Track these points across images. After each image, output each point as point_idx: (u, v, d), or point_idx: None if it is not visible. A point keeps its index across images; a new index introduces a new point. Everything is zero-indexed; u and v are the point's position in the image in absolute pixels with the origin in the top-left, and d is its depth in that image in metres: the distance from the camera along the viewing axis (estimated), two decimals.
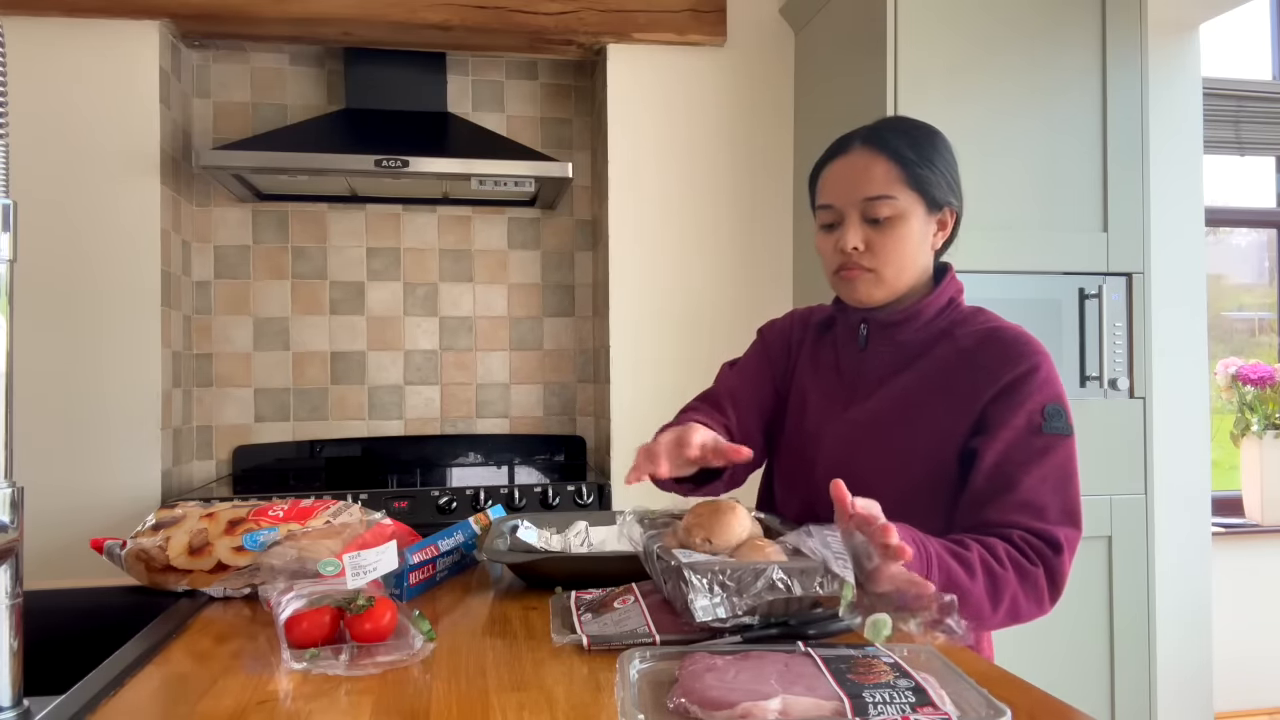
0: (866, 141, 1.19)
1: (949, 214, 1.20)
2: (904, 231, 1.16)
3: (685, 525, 1.00)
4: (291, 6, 2.46)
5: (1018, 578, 1.03)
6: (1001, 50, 2.19)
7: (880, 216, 1.16)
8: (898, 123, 1.24)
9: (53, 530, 2.26)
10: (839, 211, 1.19)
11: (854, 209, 1.17)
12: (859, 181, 1.17)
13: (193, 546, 1.14)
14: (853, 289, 1.20)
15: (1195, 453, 2.76)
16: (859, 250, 1.17)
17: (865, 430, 1.19)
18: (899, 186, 1.16)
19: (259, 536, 1.12)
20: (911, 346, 1.21)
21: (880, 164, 1.16)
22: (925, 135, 1.20)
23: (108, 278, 2.38)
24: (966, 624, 0.78)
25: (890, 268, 1.17)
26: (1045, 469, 1.09)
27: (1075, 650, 2.17)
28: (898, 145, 1.17)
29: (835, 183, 1.21)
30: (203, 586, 1.13)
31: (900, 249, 1.17)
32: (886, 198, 1.15)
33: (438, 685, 0.82)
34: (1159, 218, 2.62)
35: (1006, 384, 1.12)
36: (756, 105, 2.73)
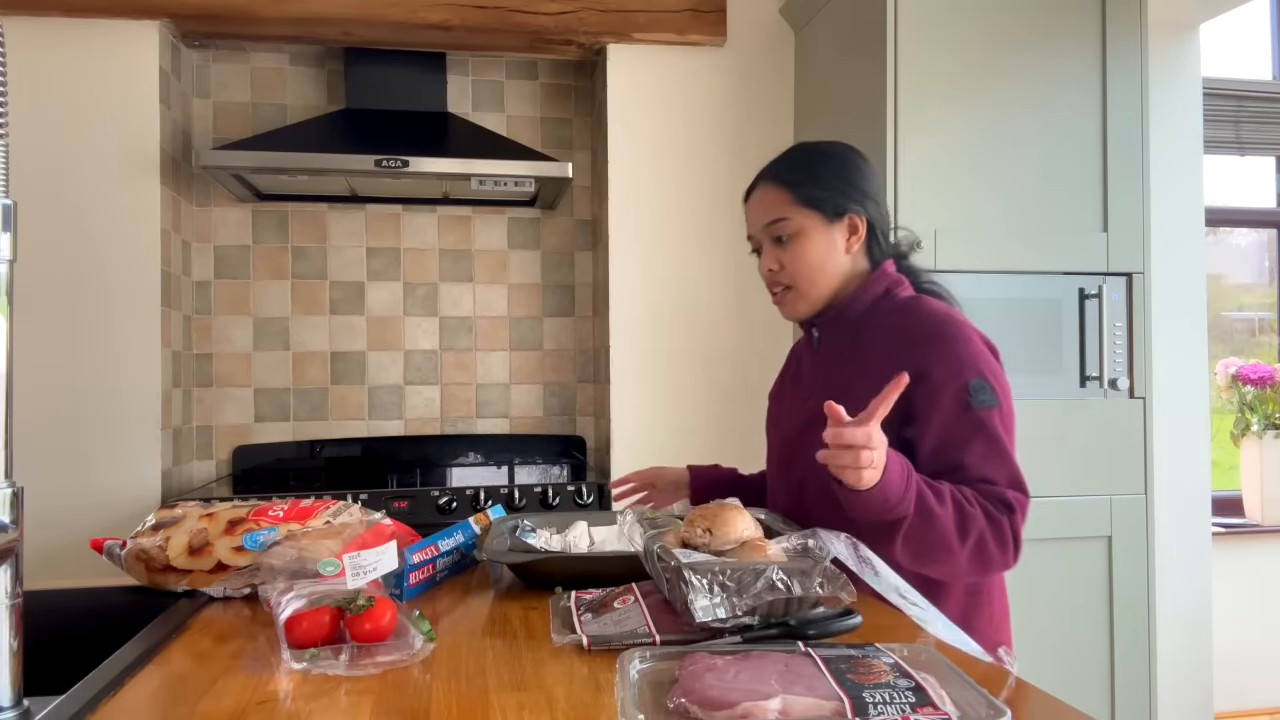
0: (763, 176, 1.36)
1: (855, 219, 1.31)
2: (806, 245, 1.29)
3: (688, 520, 1.01)
4: (291, 6, 2.46)
5: (985, 519, 1.11)
6: (1001, 50, 2.19)
7: (782, 235, 1.30)
8: (791, 151, 1.39)
9: (53, 530, 2.26)
10: (757, 241, 1.36)
11: (765, 236, 1.33)
12: (763, 212, 1.33)
13: (193, 546, 1.14)
14: (783, 307, 1.36)
15: (1195, 453, 2.76)
16: (775, 270, 1.32)
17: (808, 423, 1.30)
18: (791, 207, 1.30)
19: (259, 536, 1.12)
20: (848, 342, 1.31)
21: (773, 192, 1.32)
22: (814, 156, 1.35)
23: (108, 278, 2.38)
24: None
25: (803, 280, 1.31)
26: (984, 445, 1.16)
27: (1075, 650, 2.17)
28: (784, 172, 1.33)
29: (749, 217, 1.37)
30: (203, 586, 1.13)
31: (806, 261, 1.30)
32: (782, 219, 1.30)
33: (438, 685, 0.82)
34: (1159, 218, 2.62)
35: (927, 368, 1.18)
36: (756, 105, 2.73)
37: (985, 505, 1.12)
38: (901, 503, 1.05)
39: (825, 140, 1.40)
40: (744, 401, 2.68)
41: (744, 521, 1.01)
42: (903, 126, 2.13)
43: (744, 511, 1.03)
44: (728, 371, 2.70)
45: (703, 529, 0.98)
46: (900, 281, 1.33)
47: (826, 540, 0.96)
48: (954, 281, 2.13)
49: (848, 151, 1.36)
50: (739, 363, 2.71)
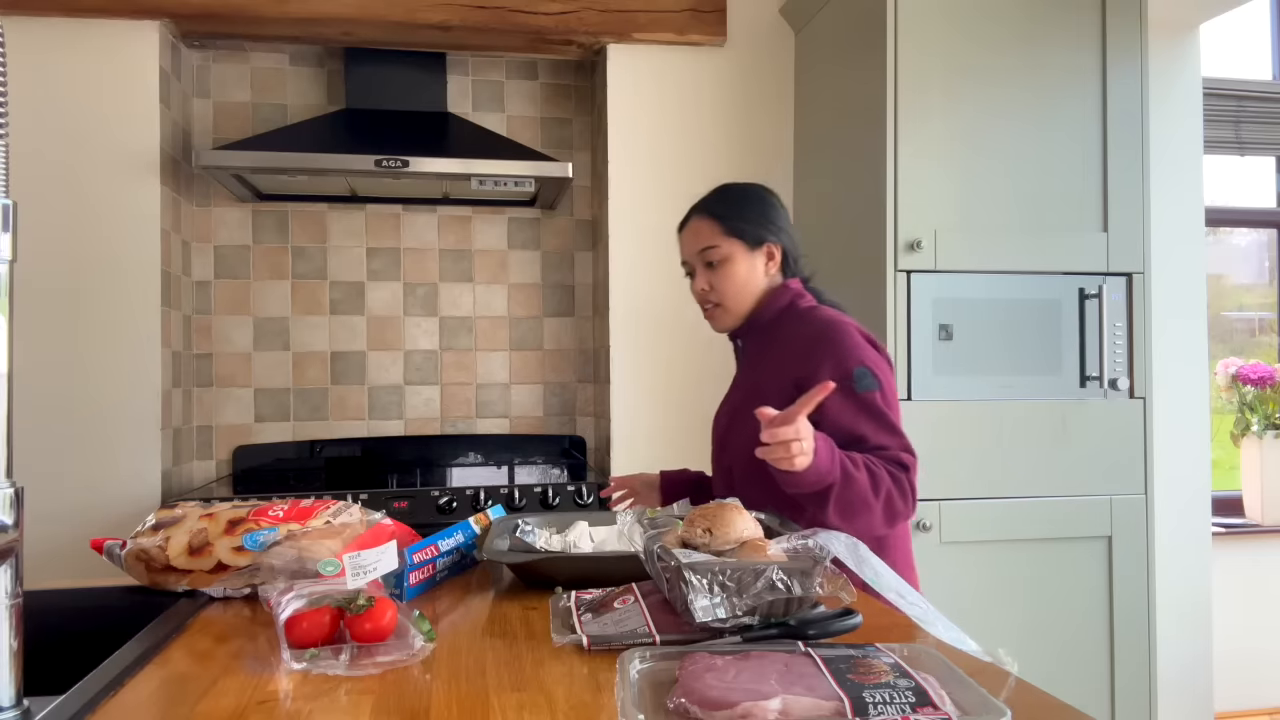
0: (696, 210, 1.58)
1: (772, 248, 1.53)
2: (731, 269, 1.51)
3: (688, 520, 1.01)
4: (291, 6, 2.46)
5: (890, 478, 1.33)
6: (1001, 50, 2.19)
7: (713, 260, 1.52)
8: (720, 189, 1.60)
9: (53, 530, 2.26)
10: (690, 265, 1.57)
11: (697, 261, 1.54)
12: (696, 240, 1.54)
13: (193, 546, 1.14)
14: (713, 321, 1.58)
15: (1195, 453, 2.76)
16: (706, 290, 1.54)
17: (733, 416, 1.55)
18: (720, 237, 1.52)
19: (259, 536, 1.12)
20: (763, 346, 1.53)
21: (705, 223, 1.54)
22: (739, 194, 1.57)
23: (108, 278, 2.38)
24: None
25: (729, 299, 1.53)
26: (874, 421, 1.38)
27: (1075, 650, 2.17)
28: (715, 207, 1.55)
29: (684, 245, 1.59)
30: (203, 586, 1.13)
31: (731, 282, 1.52)
32: (713, 247, 1.52)
33: (438, 685, 0.82)
34: (1159, 218, 2.62)
35: (816, 365, 1.39)
36: (756, 105, 2.73)
37: (888, 466, 1.34)
38: (829, 473, 1.25)
39: (746, 181, 1.62)
40: None
41: (744, 521, 1.01)
42: (903, 126, 2.13)
43: (744, 511, 1.03)
44: (727, 371, 2.69)
45: (703, 529, 0.99)
46: (803, 294, 1.54)
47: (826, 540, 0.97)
48: (954, 281, 2.16)
49: (765, 191, 1.59)
50: None
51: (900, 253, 2.12)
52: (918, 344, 2.13)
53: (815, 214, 2.59)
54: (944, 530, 2.11)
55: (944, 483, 2.12)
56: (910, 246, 2.12)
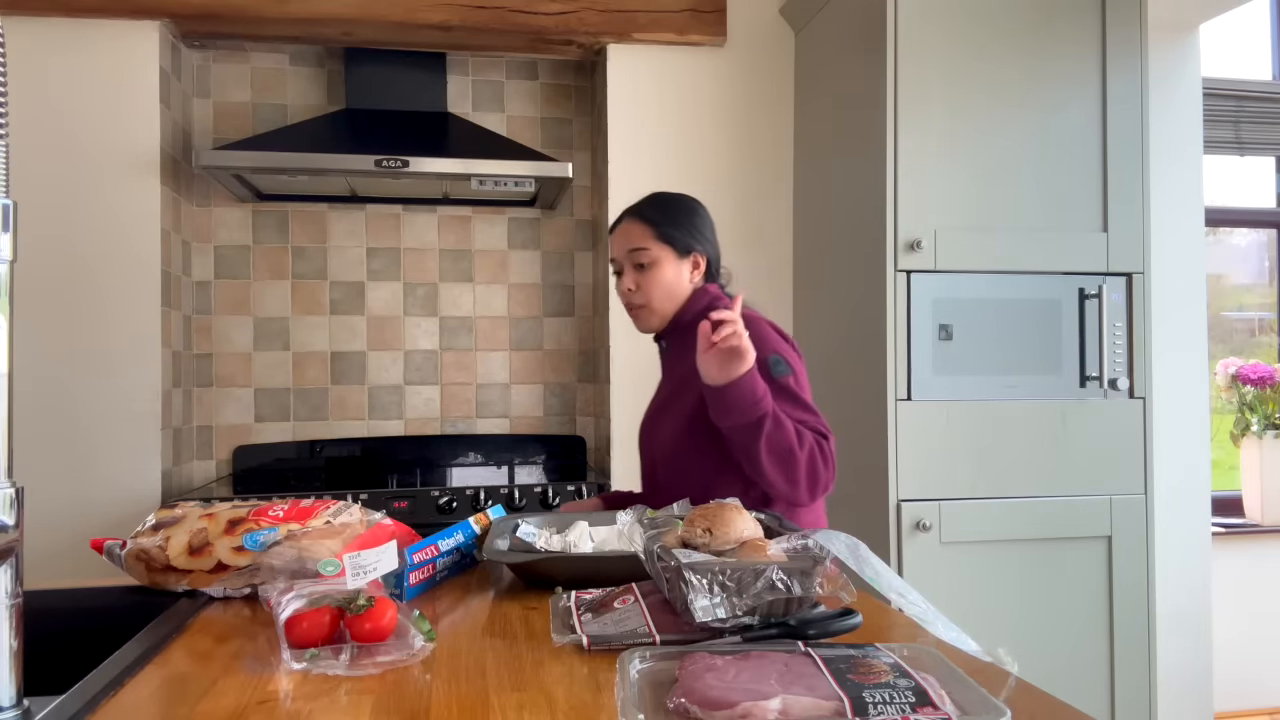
0: (630, 213, 1.64)
1: (698, 257, 1.62)
2: (659, 273, 1.59)
3: (688, 520, 1.01)
4: (292, 6, 2.46)
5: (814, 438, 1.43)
6: (1001, 50, 2.19)
7: (643, 262, 1.59)
8: (654, 196, 1.68)
9: (53, 530, 2.26)
10: (620, 264, 1.63)
11: (627, 261, 1.61)
12: (628, 241, 1.61)
13: (193, 546, 1.14)
14: (637, 321, 1.64)
15: (1195, 453, 2.76)
16: (632, 290, 1.60)
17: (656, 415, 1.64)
18: (652, 241, 1.59)
19: (259, 536, 1.12)
20: (685, 345, 1.56)
21: (638, 226, 1.61)
22: (673, 203, 1.66)
23: (108, 278, 2.38)
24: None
25: (654, 300, 1.60)
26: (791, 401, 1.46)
27: (1075, 650, 2.17)
28: (649, 213, 1.62)
29: (615, 244, 1.64)
30: (203, 586, 1.13)
31: (658, 285, 1.59)
32: (643, 249, 1.59)
33: (438, 685, 0.82)
34: (1159, 218, 2.62)
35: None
36: (756, 105, 2.73)
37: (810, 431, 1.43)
38: (764, 398, 1.36)
39: (677, 192, 1.71)
40: None
41: (744, 521, 1.01)
42: (903, 126, 2.13)
43: (744, 511, 1.03)
44: None
45: (703, 529, 0.99)
46: (720, 297, 1.62)
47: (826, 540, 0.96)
48: (954, 281, 2.16)
49: (695, 203, 1.67)
50: None
51: (900, 253, 2.12)
52: (918, 344, 2.13)
53: (815, 214, 2.59)
54: (944, 530, 2.11)
55: (944, 483, 2.12)
56: (910, 246, 2.12)
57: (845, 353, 2.36)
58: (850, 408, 2.31)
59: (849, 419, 2.33)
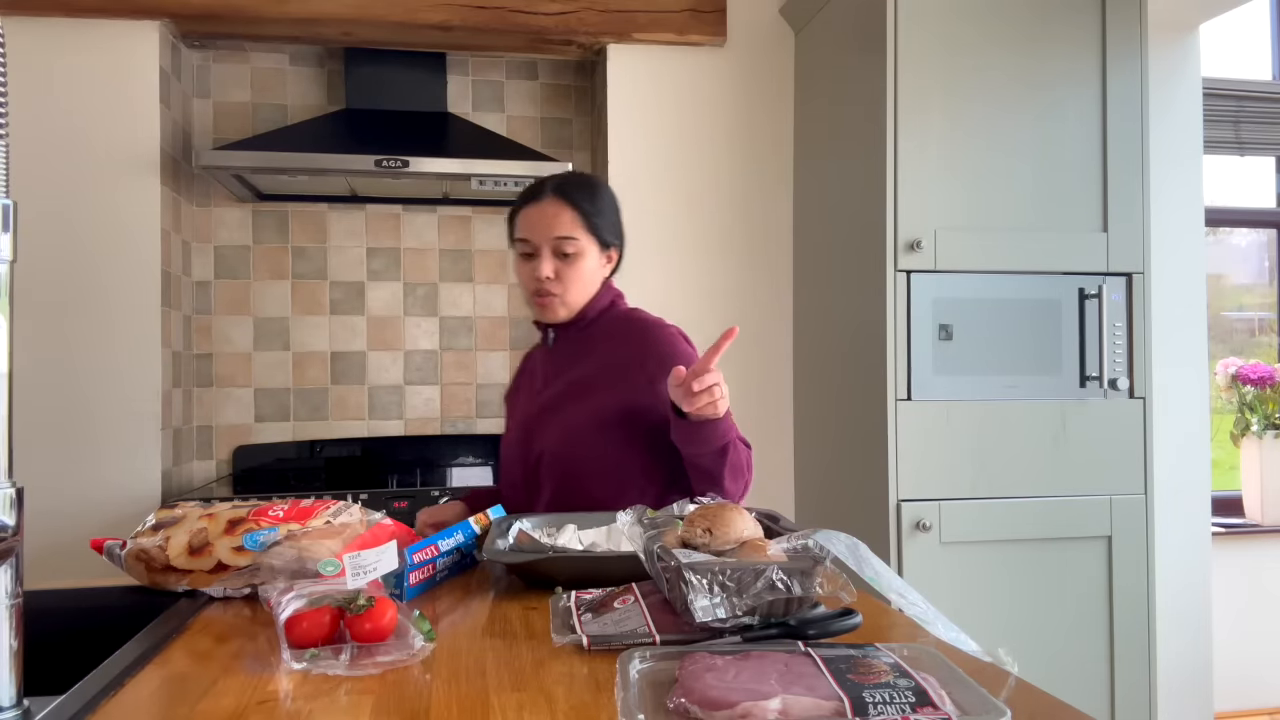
0: (557, 191, 1.54)
1: (613, 252, 1.59)
2: (582, 265, 1.53)
3: (688, 520, 1.01)
4: (291, 6, 2.46)
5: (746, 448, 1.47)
6: (1001, 50, 2.19)
7: (567, 251, 1.51)
8: (582, 179, 1.60)
9: (53, 530, 2.26)
10: (535, 245, 1.52)
11: (548, 244, 1.51)
12: (555, 225, 1.51)
13: (193, 546, 1.14)
14: (545, 311, 1.55)
15: (1195, 453, 2.76)
16: (550, 278, 1.51)
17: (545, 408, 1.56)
18: (580, 230, 1.52)
19: (259, 536, 1.12)
20: (582, 342, 1.58)
21: (567, 211, 1.52)
22: (600, 191, 1.58)
23: (108, 278, 2.38)
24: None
25: (571, 292, 1.54)
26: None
27: (1075, 650, 2.17)
28: (579, 198, 1.53)
29: (535, 224, 1.53)
30: (203, 586, 1.13)
31: (579, 278, 1.53)
32: (571, 238, 1.51)
33: (438, 685, 0.82)
34: (1159, 218, 2.62)
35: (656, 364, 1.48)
36: (756, 105, 2.73)
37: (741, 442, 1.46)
38: (730, 427, 1.39)
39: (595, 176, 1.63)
40: (742, 400, 2.68)
41: (744, 521, 1.01)
42: (903, 126, 2.13)
43: (744, 511, 1.03)
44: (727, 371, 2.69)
45: (703, 529, 0.99)
46: (621, 295, 1.62)
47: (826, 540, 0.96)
48: (954, 281, 2.16)
49: (614, 193, 1.62)
50: (738, 363, 2.70)
51: (900, 253, 2.12)
52: (918, 344, 2.13)
53: (815, 214, 2.59)
54: (944, 530, 2.11)
55: (944, 483, 2.12)
56: (910, 246, 2.12)
57: (845, 353, 2.36)
58: (850, 408, 2.31)
59: (849, 419, 2.33)
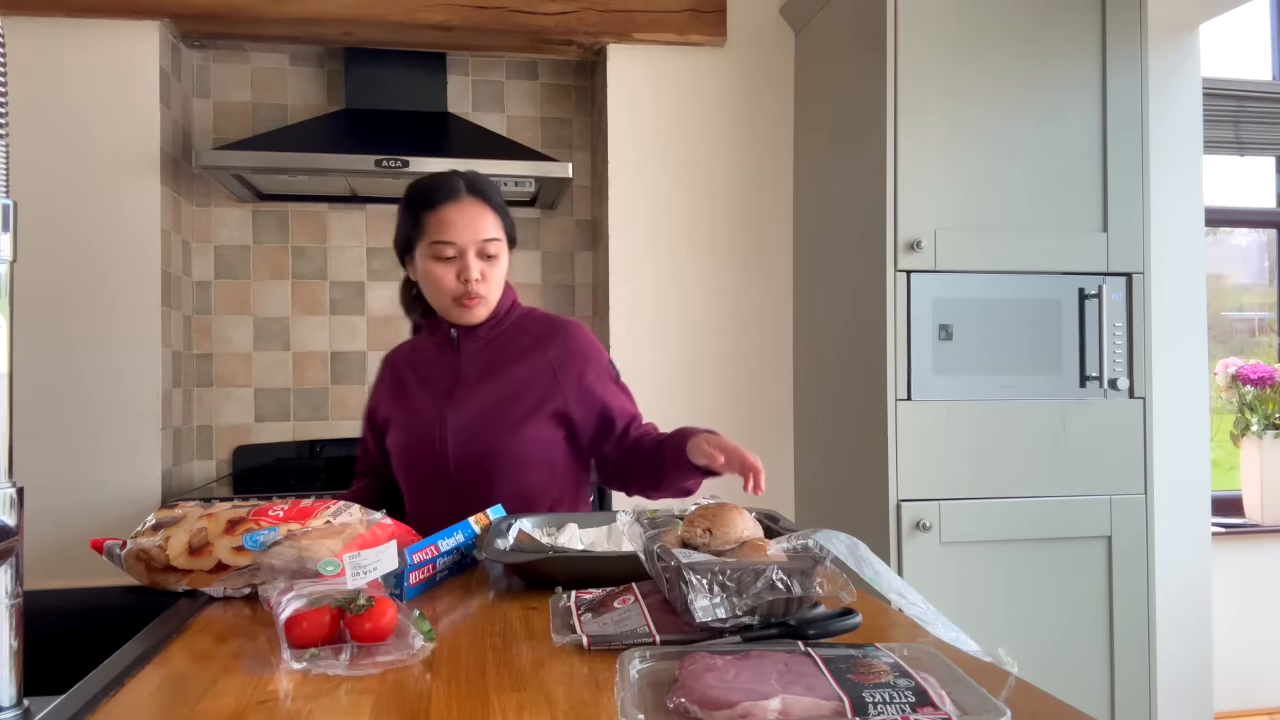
0: (474, 192, 1.54)
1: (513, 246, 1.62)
2: (500, 267, 1.56)
3: (688, 520, 1.01)
4: (291, 6, 2.46)
5: None
6: (1001, 50, 2.19)
7: (492, 254, 1.53)
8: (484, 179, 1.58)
9: (53, 530, 2.26)
10: (459, 248, 1.51)
11: (474, 247, 1.51)
12: (481, 228, 1.52)
13: (193, 546, 1.14)
14: (469, 313, 1.54)
15: (1195, 453, 2.76)
16: (479, 281, 1.51)
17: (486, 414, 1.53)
18: (500, 231, 1.55)
19: (259, 536, 1.12)
20: (495, 341, 1.58)
21: (490, 214, 1.53)
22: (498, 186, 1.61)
23: (108, 278, 2.38)
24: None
25: (495, 294, 1.56)
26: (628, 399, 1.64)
27: (1075, 650, 2.17)
28: (496, 199, 1.56)
29: (459, 226, 1.51)
30: (203, 586, 1.13)
31: (500, 278, 1.56)
32: (495, 240, 1.53)
33: (438, 685, 0.82)
34: (1159, 218, 2.62)
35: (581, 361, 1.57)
36: (756, 105, 2.73)
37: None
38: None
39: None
40: (743, 400, 2.68)
41: (744, 521, 1.01)
42: (903, 126, 2.13)
43: (744, 511, 1.03)
44: (727, 371, 2.70)
45: (703, 529, 0.99)
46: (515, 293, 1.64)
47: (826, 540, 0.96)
48: (954, 281, 2.16)
49: None
50: (738, 362, 2.71)
51: (900, 253, 2.12)
52: (918, 344, 2.13)
53: (815, 214, 2.59)
54: (944, 530, 2.11)
55: (944, 483, 2.12)
56: (910, 246, 2.12)
57: (845, 353, 2.36)
58: (850, 408, 2.31)
59: (849, 419, 2.33)
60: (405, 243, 1.59)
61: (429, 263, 1.53)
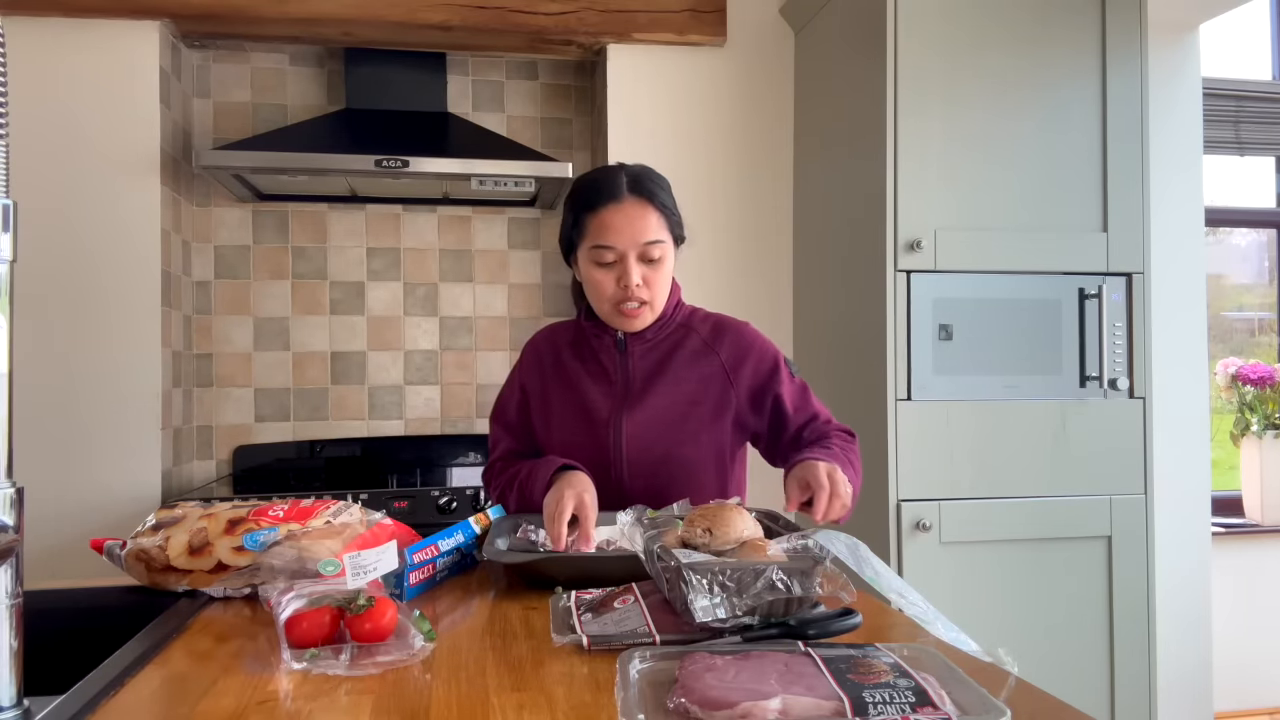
0: (637, 191, 1.43)
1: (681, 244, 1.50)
2: (666, 270, 1.45)
3: (688, 520, 1.01)
4: (291, 6, 2.46)
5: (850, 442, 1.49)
6: (1001, 50, 2.19)
7: (654, 257, 1.42)
8: (652, 174, 1.47)
9: (53, 530, 2.26)
10: (620, 252, 1.41)
11: (635, 250, 1.41)
12: (644, 230, 1.41)
13: (193, 546, 1.14)
14: (631, 322, 1.45)
15: (1195, 453, 2.76)
16: (640, 286, 1.41)
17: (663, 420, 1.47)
18: (664, 232, 1.43)
19: (259, 536, 1.12)
20: (664, 343, 1.51)
21: (652, 214, 1.42)
22: (667, 186, 1.48)
23: (108, 278, 2.38)
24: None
25: (658, 300, 1.46)
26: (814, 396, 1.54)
27: (1075, 650, 2.17)
28: (658, 196, 1.44)
29: (621, 229, 1.41)
30: (203, 586, 1.13)
31: (665, 282, 1.46)
32: (659, 241, 1.42)
33: (438, 685, 0.82)
34: (1159, 218, 2.62)
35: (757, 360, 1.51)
36: (756, 105, 2.73)
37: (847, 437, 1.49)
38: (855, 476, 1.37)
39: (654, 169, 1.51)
40: None
41: (744, 521, 1.01)
42: (903, 126, 2.13)
43: (744, 511, 1.03)
44: None
45: (703, 529, 0.99)
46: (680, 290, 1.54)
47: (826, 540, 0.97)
48: (954, 281, 2.16)
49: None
50: None
51: (900, 253, 2.12)
52: (918, 344, 2.13)
53: (815, 214, 2.59)
54: (944, 530, 2.11)
55: (944, 483, 2.12)
56: (910, 246, 2.12)
57: (845, 353, 2.36)
58: (850, 408, 2.31)
59: (849, 419, 2.32)
60: (568, 243, 1.50)
61: (590, 268, 1.44)
